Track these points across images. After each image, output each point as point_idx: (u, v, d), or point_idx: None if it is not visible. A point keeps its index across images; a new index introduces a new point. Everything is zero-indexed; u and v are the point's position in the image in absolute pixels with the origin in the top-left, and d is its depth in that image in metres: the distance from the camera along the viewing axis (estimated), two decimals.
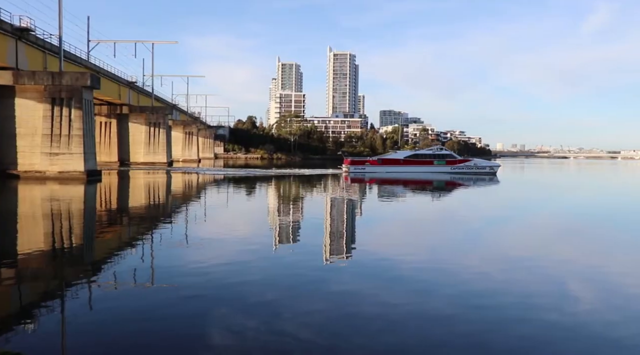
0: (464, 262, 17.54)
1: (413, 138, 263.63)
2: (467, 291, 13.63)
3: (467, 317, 11.51)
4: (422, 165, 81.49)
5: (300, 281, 14.47)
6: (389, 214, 33.34)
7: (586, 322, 11.42)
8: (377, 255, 18.50)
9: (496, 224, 28.62)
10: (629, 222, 30.56)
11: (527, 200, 44.88)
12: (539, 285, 14.51)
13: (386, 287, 13.97)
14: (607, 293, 13.93)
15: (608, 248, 21.26)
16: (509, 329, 10.81)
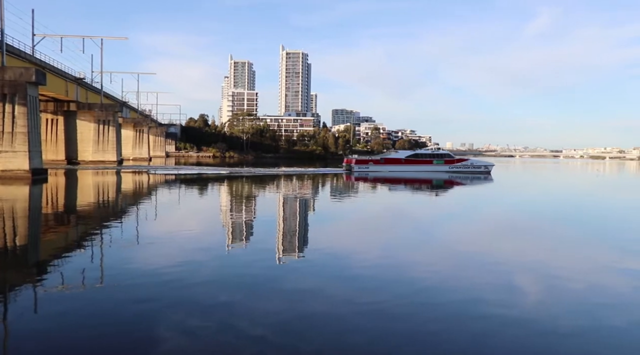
0: (417, 259, 17.95)
1: (365, 137, 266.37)
2: (420, 288, 13.93)
3: (421, 313, 11.82)
4: (422, 165, 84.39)
5: (255, 280, 14.37)
6: (346, 212, 33.57)
7: (533, 316, 11.77)
8: (332, 253, 18.63)
9: (449, 220, 29.62)
10: (573, 218, 32.12)
11: (483, 198, 46.48)
12: (488, 280, 14.95)
13: (340, 285, 14.10)
14: (553, 287, 14.45)
15: (554, 243, 22.22)
16: (459, 324, 11.08)
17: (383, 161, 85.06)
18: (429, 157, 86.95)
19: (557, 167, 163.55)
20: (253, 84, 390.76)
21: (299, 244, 20.94)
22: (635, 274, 16.53)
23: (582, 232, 26.15)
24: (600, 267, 17.67)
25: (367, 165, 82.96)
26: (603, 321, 11.55)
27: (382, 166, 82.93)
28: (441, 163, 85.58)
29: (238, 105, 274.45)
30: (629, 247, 21.46)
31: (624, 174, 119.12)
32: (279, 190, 49.74)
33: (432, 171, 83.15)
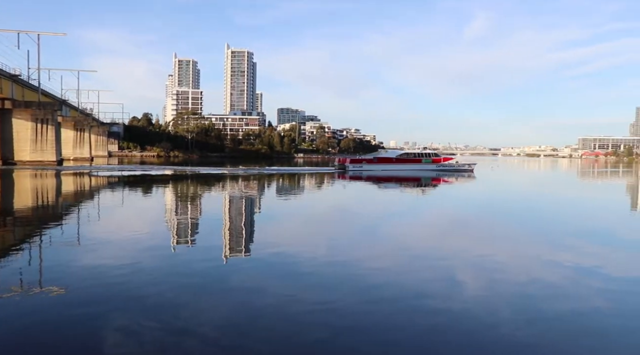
0: (363, 255, 18.28)
1: (310, 136, 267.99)
2: (368, 285, 14.20)
3: (370, 310, 12.04)
4: (412, 164, 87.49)
5: (202, 280, 14.34)
6: (294, 210, 34.18)
7: (473, 311, 12.20)
8: (279, 251, 18.79)
9: (402, 217, 30.87)
10: (514, 215, 34.26)
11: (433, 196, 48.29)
12: (431, 275, 15.47)
13: (287, 283, 14.26)
14: (492, 281, 15.09)
15: (494, 239, 23.53)
16: (408, 319, 11.43)
17: (376, 160, 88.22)
18: (418, 156, 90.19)
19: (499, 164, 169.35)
20: (198, 82, 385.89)
21: (246, 242, 21.20)
22: (567, 266, 17.75)
23: (518, 227, 28.04)
24: (536, 260, 18.78)
25: (360, 165, 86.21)
26: (541, 312, 12.27)
27: (375, 165, 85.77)
28: (429, 162, 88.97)
29: (183, 104, 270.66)
30: (559, 241, 23.17)
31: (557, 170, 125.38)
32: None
33: (421, 170, 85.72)
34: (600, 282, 15.32)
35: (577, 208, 39.39)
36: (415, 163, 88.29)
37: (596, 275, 16.12)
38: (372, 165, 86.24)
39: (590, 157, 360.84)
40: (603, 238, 23.92)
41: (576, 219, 31.81)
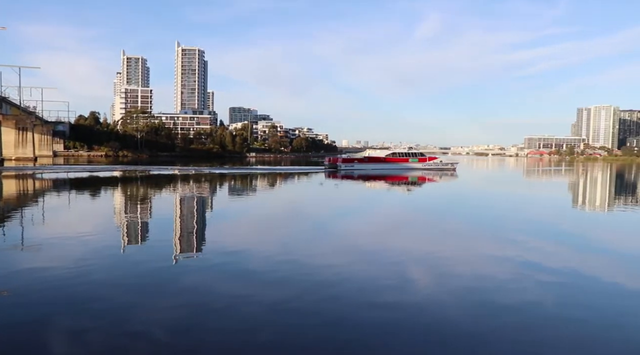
0: (314, 253, 18.45)
1: (262, 135, 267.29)
2: (317, 282, 14.35)
3: (324, 306, 12.14)
4: (400, 163, 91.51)
5: (150, 280, 14.18)
6: (245, 209, 34.01)
7: (424, 306, 12.51)
8: (230, 250, 18.70)
9: (349, 216, 31.26)
10: (463, 212, 35.48)
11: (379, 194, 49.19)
12: (382, 272, 15.65)
13: (239, 282, 14.20)
14: (443, 277, 15.43)
15: (443, 236, 24.18)
16: (360, 315, 11.55)
17: (367, 160, 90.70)
18: (406, 155, 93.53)
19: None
20: (147, 80, 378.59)
21: (198, 242, 21.08)
22: (513, 261, 18.49)
23: (471, 223, 29.01)
24: (485, 255, 19.45)
25: (352, 164, 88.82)
26: (488, 306, 12.69)
27: (365, 164, 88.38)
28: (415, 161, 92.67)
29: (132, 103, 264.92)
30: (508, 236, 24.26)
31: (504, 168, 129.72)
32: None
33: (408, 168, 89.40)
34: (543, 275, 15.95)
35: (525, 204, 40.92)
36: (403, 162, 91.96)
37: (540, 269, 16.74)
38: (363, 164, 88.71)
39: (535, 155, 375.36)
40: (548, 233, 25.01)
41: (523, 215, 33.03)
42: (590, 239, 23.86)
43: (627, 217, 33.54)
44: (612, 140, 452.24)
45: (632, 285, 15.04)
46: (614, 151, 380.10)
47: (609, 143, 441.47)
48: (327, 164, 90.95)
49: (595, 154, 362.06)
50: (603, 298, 13.61)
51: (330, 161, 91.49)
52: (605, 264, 18.05)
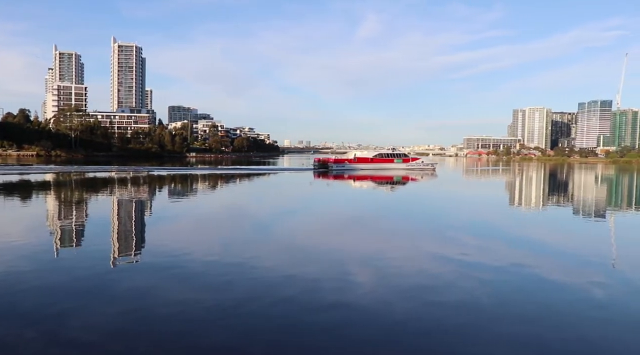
0: (257, 254, 18.05)
1: (203, 134, 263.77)
2: (261, 283, 14.13)
3: (270, 307, 11.98)
4: (386, 163, 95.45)
5: (85, 285, 13.63)
6: (187, 210, 33.23)
7: (367, 303, 12.52)
8: (171, 253, 18.15)
9: (290, 215, 31.07)
10: (405, 211, 35.88)
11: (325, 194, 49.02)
12: (325, 271, 15.61)
13: (179, 285, 13.82)
14: (385, 275, 15.49)
15: (385, 235, 24.37)
16: (300, 317, 11.43)
17: (356, 160, 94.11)
18: (391, 156, 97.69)
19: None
20: (82, 77, 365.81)
21: (136, 245, 20.24)
22: (454, 259, 18.68)
23: (408, 222, 29.51)
24: (427, 254, 19.68)
25: (343, 164, 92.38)
26: (432, 302, 12.89)
27: (355, 165, 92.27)
28: (400, 162, 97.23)
29: (65, 100, 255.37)
30: (449, 235, 24.49)
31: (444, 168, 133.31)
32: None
33: (393, 168, 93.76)
34: (482, 273, 16.17)
35: (463, 204, 41.99)
36: (388, 162, 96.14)
37: (479, 267, 16.95)
38: (352, 164, 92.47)
39: (474, 155, 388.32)
40: (487, 232, 25.73)
41: (464, 214, 33.76)
42: (527, 237, 24.45)
43: (559, 215, 34.80)
44: (545, 140, 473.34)
45: (566, 280, 15.42)
46: (547, 151, 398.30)
47: (543, 143, 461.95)
48: (316, 164, 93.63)
49: (530, 154, 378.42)
50: (540, 292, 13.92)
51: (319, 161, 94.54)
52: (542, 260, 18.43)
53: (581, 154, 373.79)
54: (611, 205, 43.22)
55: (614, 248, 22.15)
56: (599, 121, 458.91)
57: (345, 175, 78.75)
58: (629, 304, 13.20)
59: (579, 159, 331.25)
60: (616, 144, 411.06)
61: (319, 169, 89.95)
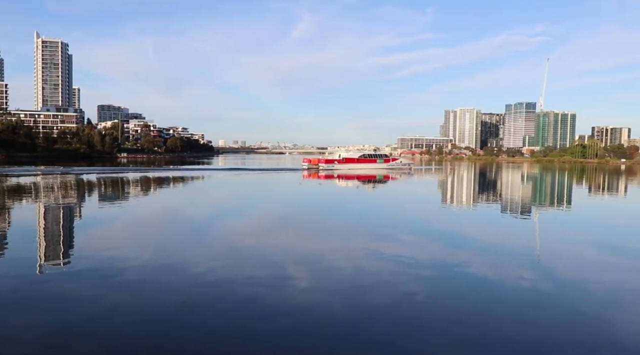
0: (189, 257, 17.62)
1: (134, 134, 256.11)
2: (196, 285, 13.96)
3: (207, 309, 11.90)
4: (370, 163, 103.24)
5: (9, 293, 13.01)
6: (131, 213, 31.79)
7: (305, 304, 12.54)
8: (100, 259, 17.31)
9: (227, 216, 30.63)
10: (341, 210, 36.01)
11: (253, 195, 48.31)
12: (261, 271, 15.57)
13: (111, 292, 13.30)
14: (322, 272, 15.74)
15: (320, 234, 24.68)
16: (235, 320, 11.33)
17: (344, 160, 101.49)
18: (374, 157, 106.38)
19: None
20: (1, 74, 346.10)
21: (64, 251, 19.23)
22: (388, 257, 18.90)
23: (347, 222, 29.62)
24: (362, 252, 19.87)
25: (332, 164, 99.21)
26: (369, 298, 13.13)
27: (342, 165, 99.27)
28: (382, 162, 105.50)
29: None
30: (383, 233, 24.84)
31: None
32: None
33: (376, 168, 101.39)
34: (417, 269, 16.57)
35: (400, 202, 42.83)
36: (372, 163, 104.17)
37: (413, 264, 17.32)
38: (341, 164, 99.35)
39: (407, 155, 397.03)
40: (421, 230, 26.31)
41: (399, 212, 34.45)
42: (458, 233, 25.19)
43: (489, 212, 35.94)
44: (475, 140, 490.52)
45: (495, 275, 15.97)
46: (477, 151, 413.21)
47: (473, 143, 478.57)
48: (307, 164, 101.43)
49: (461, 153, 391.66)
50: (470, 288, 14.33)
51: (310, 162, 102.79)
52: (472, 256, 18.96)
53: (508, 153, 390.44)
54: (536, 202, 45.19)
55: (539, 243, 23.14)
56: (524, 122, 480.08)
57: (335, 174, 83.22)
58: (554, 295, 13.81)
59: (507, 158, 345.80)
60: (540, 144, 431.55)
61: (307, 169, 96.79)
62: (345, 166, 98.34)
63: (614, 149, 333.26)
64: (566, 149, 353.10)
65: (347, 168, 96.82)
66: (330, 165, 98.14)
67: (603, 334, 11.12)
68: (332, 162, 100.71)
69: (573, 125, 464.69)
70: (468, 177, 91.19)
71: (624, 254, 20.12)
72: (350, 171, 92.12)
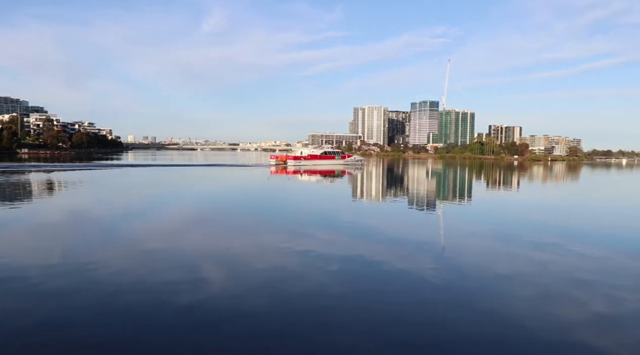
0: (101, 259, 17.08)
1: (36, 129, 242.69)
2: (108, 288, 13.58)
3: (109, 314, 11.66)
4: (330, 159, 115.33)
5: None
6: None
7: (218, 301, 12.82)
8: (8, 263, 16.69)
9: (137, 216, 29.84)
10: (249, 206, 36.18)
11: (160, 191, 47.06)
12: (175, 273, 15.29)
13: (17, 294, 13.01)
14: (234, 271, 15.91)
15: (232, 231, 24.85)
16: (149, 323, 11.26)
17: (309, 157, 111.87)
18: (333, 154, 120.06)
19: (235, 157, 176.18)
20: None
21: None
22: (299, 251, 19.93)
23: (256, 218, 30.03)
24: (275, 248, 20.36)
25: (299, 161, 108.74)
26: (280, 295, 13.60)
27: (308, 161, 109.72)
28: (339, 158, 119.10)
29: None
30: (296, 229, 25.82)
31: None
32: None
33: (335, 164, 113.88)
34: (328, 262, 17.27)
35: (313, 197, 43.98)
36: (332, 159, 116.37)
37: (325, 257, 18.07)
38: (306, 161, 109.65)
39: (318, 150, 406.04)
40: (333, 224, 27.10)
41: (309, 207, 35.28)
42: (367, 227, 26.31)
43: (396, 206, 37.54)
44: (383, 137, 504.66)
45: (404, 266, 17.07)
46: (385, 147, 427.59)
47: (381, 140, 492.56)
48: (274, 161, 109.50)
49: (370, 149, 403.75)
50: (380, 279, 15.31)
51: (277, 158, 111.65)
52: (382, 248, 20.03)
53: (414, 150, 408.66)
54: (440, 196, 48.00)
55: (442, 234, 24.85)
56: (428, 120, 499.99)
57: (301, 170, 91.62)
58: (457, 284, 15.28)
59: (413, 154, 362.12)
60: (443, 141, 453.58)
61: (275, 165, 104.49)
62: (311, 162, 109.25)
63: (508, 146, 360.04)
64: (467, 145, 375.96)
65: (312, 164, 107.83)
66: (297, 162, 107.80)
67: (496, 313, 12.62)
68: (299, 158, 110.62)
69: (472, 124, 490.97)
70: (377, 172, 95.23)
71: (518, 243, 22.25)
72: (315, 167, 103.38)
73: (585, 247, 21.78)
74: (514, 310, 12.82)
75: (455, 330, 11.35)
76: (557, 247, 21.51)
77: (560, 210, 39.07)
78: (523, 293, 14.44)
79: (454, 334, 11.13)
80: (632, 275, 16.91)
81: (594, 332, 11.43)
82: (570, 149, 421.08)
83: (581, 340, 10.98)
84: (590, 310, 12.96)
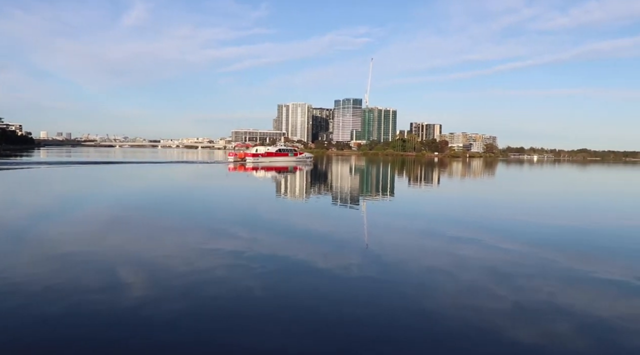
0: (9, 266, 16.56)
1: None
2: (18, 297, 12.89)
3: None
4: (284, 157, 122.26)
5: None
6: None
7: (140, 305, 12.49)
8: None
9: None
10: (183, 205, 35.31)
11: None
12: (91, 278, 14.51)
13: None
14: (155, 274, 15.42)
15: (161, 231, 24.20)
16: (86, 329, 11.05)
17: (265, 154, 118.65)
18: (287, 151, 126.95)
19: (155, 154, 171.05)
20: None
21: None
22: (224, 250, 19.73)
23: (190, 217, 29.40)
24: (198, 249, 20.38)
25: (257, 158, 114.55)
26: (203, 297, 13.58)
27: (264, 158, 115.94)
28: (292, 155, 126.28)
29: None
30: (226, 230, 25.48)
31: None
32: None
33: (289, 161, 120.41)
34: (254, 263, 17.15)
35: (217, 197, 43.69)
36: (286, 156, 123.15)
37: (250, 257, 17.94)
38: (264, 158, 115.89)
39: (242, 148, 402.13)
40: (253, 223, 27.04)
41: (219, 206, 35.13)
42: (291, 224, 26.52)
43: (320, 203, 38.05)
44: (307, 134, 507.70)
45: (328, 263, 17.08)
46: (309, 144, 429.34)
47: (305, 137, 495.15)
48: (232, 158, 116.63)
49: (293, 146, 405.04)
50: (305, 276, 15.42)
51: (235, 155, 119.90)
52: (305, 246, 20.19)
53: (338, 146, 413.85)
54: (363, 193, 48.93)
55: (366, 231, 25.21)
56: (352, 117, 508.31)
57: (259, 166, 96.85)
58: (379, 279, 15.48)
59: (336, 151, 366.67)
60: (366, 138, 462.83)
61: (234, 162, 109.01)
62: (267, 159, 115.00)
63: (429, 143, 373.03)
64: (389, 142, 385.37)
65: (269, 161, 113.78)
66: (255, 159, 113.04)
67: (420, 304, 12.89)
68: (257, 155, 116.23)
69: (394, 121, 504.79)
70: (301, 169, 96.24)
71: (439, 238, 22.99)
72: (272, 164, 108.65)
73: (501, 240, 22.69)
74: (435, 305, 13.04)
75: (375, 327, 11.36)
76: (475, 242, 22.24)
77: (477, 205, 40.63)
78: (443, 286, 14.74)
79: (374, 331, 11.10)
80: (540, 265, 17.77)
81: (513, 322, 11.77)
82: (487, 146, 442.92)
83: (501, 329, 11.27)
84: (508, 300, 13.37)
